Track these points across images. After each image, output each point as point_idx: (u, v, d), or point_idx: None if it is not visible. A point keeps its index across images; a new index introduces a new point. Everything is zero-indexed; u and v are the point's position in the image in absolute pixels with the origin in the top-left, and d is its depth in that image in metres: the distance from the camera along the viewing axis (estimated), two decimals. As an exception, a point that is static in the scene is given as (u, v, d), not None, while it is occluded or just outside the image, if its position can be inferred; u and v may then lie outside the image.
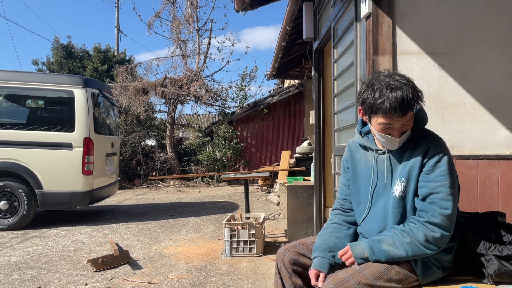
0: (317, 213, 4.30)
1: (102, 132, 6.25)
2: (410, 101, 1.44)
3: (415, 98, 1.46)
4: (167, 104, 12.19)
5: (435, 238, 1.44)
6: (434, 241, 1.44)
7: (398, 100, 1.43)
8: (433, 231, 1.44)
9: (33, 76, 6.09)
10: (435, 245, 1.45)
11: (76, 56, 16.98)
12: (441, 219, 1.44)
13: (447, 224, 1.44)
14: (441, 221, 1.44)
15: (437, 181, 1.47)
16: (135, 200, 8.61)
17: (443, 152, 1.50)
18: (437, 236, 1.44)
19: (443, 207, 1.44)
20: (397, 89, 1.44)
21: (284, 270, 1.69)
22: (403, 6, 2.44)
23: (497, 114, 2.45)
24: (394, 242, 1.47)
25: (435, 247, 1.45)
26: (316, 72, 4.33)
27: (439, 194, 1.46)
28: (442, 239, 1.45)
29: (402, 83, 1.46)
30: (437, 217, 1.44)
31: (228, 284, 3.21)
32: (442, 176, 1.47)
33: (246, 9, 4.16)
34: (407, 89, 1.45)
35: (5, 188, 5.44)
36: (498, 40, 2.45)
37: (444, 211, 1.44)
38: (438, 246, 1.45)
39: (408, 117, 1.48)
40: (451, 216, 1.45)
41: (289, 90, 11.88)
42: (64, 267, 3.76)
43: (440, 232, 1.44)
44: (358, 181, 1.70)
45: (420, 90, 1.50)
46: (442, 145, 1.53)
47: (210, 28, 12.55)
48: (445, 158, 1.49)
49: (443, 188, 1.45)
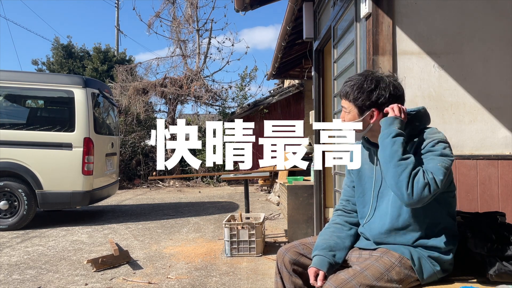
0: (317, 213, 4.30)
1: (102, 132, 6.25)
2: (342, 88, 1.65)
3: (350, 92, 1.60)
4: (167, 104, 12.19)
5: (434, 188, 1.39)
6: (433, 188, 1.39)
7: None
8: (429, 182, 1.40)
9: (33, 76, 6.09)
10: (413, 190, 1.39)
11: (76, 56, 16.99)
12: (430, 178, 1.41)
13: (432, 184, 1.40)
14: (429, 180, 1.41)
15: (432, 158, 1.47)
16: (135, 200, 8.61)
17: (436, 137, 1.52)
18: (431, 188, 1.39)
19: (435, 173, 1.42)
20: (348, 81, 1.65)
21: (285, 270, 1.69)
22: (403, 6, 2.44)
23: (497, 114, 2.45)
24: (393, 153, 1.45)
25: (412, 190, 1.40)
26: (316, 72, 4.33)
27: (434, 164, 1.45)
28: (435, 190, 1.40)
29: (357, 78, 1.62)
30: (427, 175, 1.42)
31: (228, 284, 3.21)
32: (434, 155, 1.48)
33: (246, 9, 4.16)
34: (352, 81, 1.62)
35: (5, 188, 5.44)
36: (498, 40, 2.45)
37: (435, 177, 1.41)
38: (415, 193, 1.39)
39: (342, 103, 1.65)
40: (436, 182, 1.41)
41: (289, 90, 11.88)
42: (64, 267, 3.76)
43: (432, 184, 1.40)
44: (363, 183, 1.70)
45: (378, 97, 1.56)
46: (437, 134, 1.54)
47: (210, 28, 12.57)
48: (438, 143, 1.50)
49: (437, 162, 1.45)
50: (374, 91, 1.57)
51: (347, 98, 1.62)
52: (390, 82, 1.59)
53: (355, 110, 1.60)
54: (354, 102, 1.60)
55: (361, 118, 1.59)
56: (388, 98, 1.57)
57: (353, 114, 1.61)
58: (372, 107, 1.57)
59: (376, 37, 2.41)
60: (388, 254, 1.51)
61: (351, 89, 1.61)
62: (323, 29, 3.89)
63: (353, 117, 1.61)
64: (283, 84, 13.44)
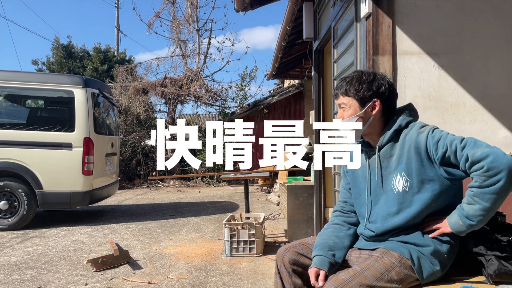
0: (317, 213, 4.30)
1: (102, 132, 6.25)
2: (339, 86, 1.64)
3: (349, 86, 1.61)
4: (167, 104, 12.19)
5: (493, 160, 1.33)
6: (497, 161, 1.33)
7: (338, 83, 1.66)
8: (486, 158, 1.34)
9: (33, 76, 6.09)
10: (502, 161, 1.32)
11: (76, 56, 16.99)
12: (479, 149, 1.37)
13: (484, 144, 1.38)
14: (481, 150, 1.36)
15: (448, 145, 1.43)
16: (135, 200, 8.61)
17: (427, 129, 1.52)
18: (491, 158, 1.33)
19: (469, 144, 1.39)
20: (344, 78, 1.65)
21: (284, 270, 1.69)
22: (403, 6, 2.44)
23: (497, 114, 2.45)
24: (473, 199, 1.40)
25: (504, 161, 1.32)
26: (316, 72, 4.33)
27: (458, 146, 1.41)
28: (496, 153, 1.34)
29: (353, 74, 1.64)
30: (476, 152, 1.36)
31: (228, 284, 3.21)
32: (446, 140, 1.45)
33: (246, 9, 4.16)
34: (349, 77, 1.63)
35: (5, 188, 5.44)
36: (498, 40, 2.45)
37: (473, 145, 1.39)
38: (506, 161, 1.32)
39: (339, 100, 1.64)
40: (477, 141, 1.39)
41: (289, 90, 11.88)
42: (64, 267, 3.76)
43: (488, 154, 1.34)
44: (358, 184, 1.71)
45: (377, 85, 1.59)
46: (424, 127, 1.54)
47: (210, 28, 12.57)
48: (434, 131, 1.50)
49: (455, 141, 1.42)
50: (374, 81, 1.61)
51: (347, 93, 1.62)
52: (384, 75, 1.66)
53: (356, 103, 1.61)
54: (355, 95, 1.60)
55: (363, 111, 1.60)
56: (388, 88, 1.61)
57: (354, 108, 1.61)
58: (374, 98, 1.59)
59: (376, 37, 2.41)
60: (388, 254, 1.51)
61: (350, 83, 1.62)
62: (323, 29, 3.89)
63: (354, 111, 1.61)
64: (283, 84, 13.44)
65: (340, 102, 1.65)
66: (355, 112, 1.61)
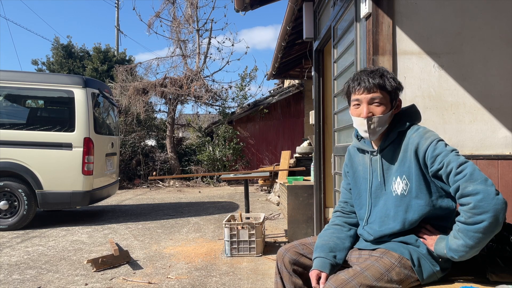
0: (317, 213, 4.30)
1: (102, 132, 6.25)
2: (374, 77, 1.53)
3: (384, 79, 1.54)
4: (167, 104, 12.20)
5: (481, 199, 1.29)
6: (485, 201, 1.28)
7: (364, 76, 1.55)
8: (475, 195, 1.30)
9: (33, 76, 6.08)
10: (490, 203, 1.28)
11: (76, 56, 16.99)
12: (472, 184, 1.32)
13: (479, 179, 1.32)
14: (473, 185, 1.31)
15: (444, 165, 1.40)
16: (135, 200, 8.61)
17: (431, 138, 1.48)
18: (480, 196, 1.29)
19: (464, 174, 1.35)
20: (368, 71, 1.57)
21: (285, 270, 1.69)
22: (403, 6, 2.44)
23: (497, 114, 2.44)
24: (458, 234, 1.36)
25: (492, 203, 1.28)
26: (316, 72, 4.33)
27: (453, 170, 1.37)
28: (487, 192, 1.29)
29: (376, 69, 1.58)
30: (468, 186, 1.32)
31: (228, 284, 3.21)
32: (444, 158, 1.41)
33: (246, 9, 4.16)
34: (377, 71, 1.56)
35: (5, 188, 5.44)
36: (498, 40, 2.44)
37: (468, 178, 1.33)
38: (495, 202, 1.28)
39: (374, 94, 1.53)
40: (474, 173, 1.33)
41: (289, 90, 11.88)
42: (64, 267, 3.76)
43: (479, 191, 1.30)
44: (358, 185, 1.71)
45: (398, 81, 1.57)
46: (428, 133, 1.51)
47: (210, 28, 12.57)
48: (438, 143, 1.46)
49: (453, 164, 1.38)
50: (395, 78, 1.58)
51: (383, 87, 1.53)
52: None
53: (388, 100, 1.55)
54: (390, 90, 1.54)
55: (393, 109, 1.57)
56: (399, 84, 1.60)
57: (387, 105, 1.54)
58: (398, 96, 1.59)
59: (376, 37, 2.41)
60: (388, 255, 1.51)
61: (385, 77, 1.53)
62: (323, 29, 3.89)
63: (387, 108, 1.55)
64: (283, 84, 13.44)
65: (374, 96, 1.54)
66: (386, 110, 1.55)
